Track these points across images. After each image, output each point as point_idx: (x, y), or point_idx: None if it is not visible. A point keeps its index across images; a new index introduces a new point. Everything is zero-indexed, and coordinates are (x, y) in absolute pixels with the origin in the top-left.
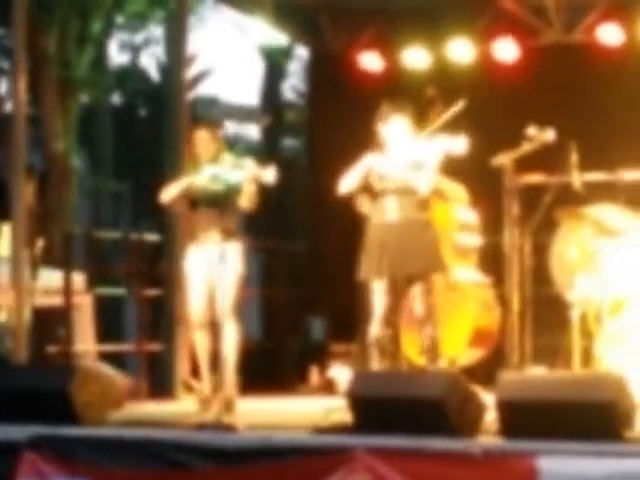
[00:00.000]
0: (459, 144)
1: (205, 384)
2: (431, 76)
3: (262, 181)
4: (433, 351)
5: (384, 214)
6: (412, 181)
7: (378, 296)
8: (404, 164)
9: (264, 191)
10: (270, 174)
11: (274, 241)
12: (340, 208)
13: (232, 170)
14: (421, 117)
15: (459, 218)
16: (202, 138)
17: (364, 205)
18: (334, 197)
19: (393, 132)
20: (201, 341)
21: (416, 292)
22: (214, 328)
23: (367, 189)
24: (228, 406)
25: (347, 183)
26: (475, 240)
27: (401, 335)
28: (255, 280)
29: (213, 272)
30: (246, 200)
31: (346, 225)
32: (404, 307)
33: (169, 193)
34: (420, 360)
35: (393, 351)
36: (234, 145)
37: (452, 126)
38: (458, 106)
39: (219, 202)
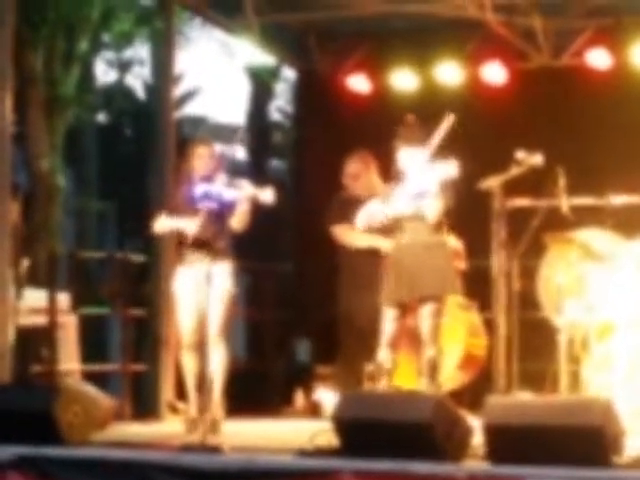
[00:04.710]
0: (451, 169)
1: (191, 406)
2: (419, 99)
3: (259, 201)
4: (434, 373)
5: (400, 239)
6: (420, 211)
7: (388, 323)
8: (411, 195)
9: (256, 212)
10: (268, 194)
11: (260, 262)
12: (326, 230)
13: (226, 189)
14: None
15: None
16: (202, 154)
17: (356, 239)
18: (320, 219)
19: (404, 162)
20: (189, 363)
21: (425, 313)
22: (202, 349)
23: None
24: (214, 427)
25: (362, 220)
26: (461, 266)
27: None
28: (241, 301)
29: (202, 293)
30: (238, 220)
31: (332, 247)
32: (404, 330)
33: (161, 227)
34: (415, 383)
35: (390, 374)
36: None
37: (440, 148)
38: (448, 122)
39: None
